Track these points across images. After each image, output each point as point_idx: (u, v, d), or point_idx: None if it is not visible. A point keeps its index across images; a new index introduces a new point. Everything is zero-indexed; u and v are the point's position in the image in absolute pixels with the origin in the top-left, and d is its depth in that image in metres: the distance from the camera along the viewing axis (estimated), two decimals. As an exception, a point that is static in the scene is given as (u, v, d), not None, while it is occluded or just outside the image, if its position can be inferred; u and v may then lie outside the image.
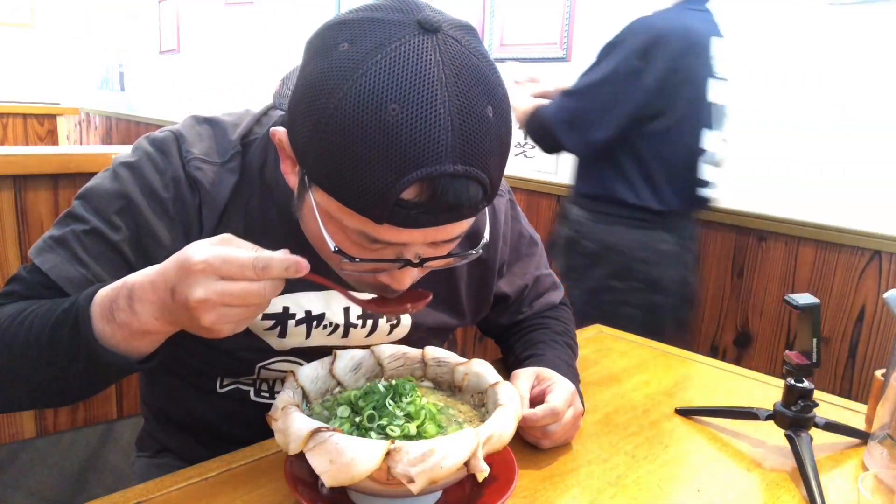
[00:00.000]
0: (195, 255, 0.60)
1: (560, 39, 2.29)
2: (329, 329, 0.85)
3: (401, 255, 0.67)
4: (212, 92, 4.22)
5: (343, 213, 0.64)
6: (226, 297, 0.60)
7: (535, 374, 0.86)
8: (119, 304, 0.64)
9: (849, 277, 1.74)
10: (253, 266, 0.60)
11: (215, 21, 4.13)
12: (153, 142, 0.81)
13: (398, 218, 0.61)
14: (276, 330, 0.82)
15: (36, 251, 0.77)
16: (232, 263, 0.60)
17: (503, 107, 0.64)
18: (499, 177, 0.66)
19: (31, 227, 1.19)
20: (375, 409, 0.68)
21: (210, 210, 0.79)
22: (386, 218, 0.61)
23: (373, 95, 0.58)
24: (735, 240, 1.95)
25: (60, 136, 3.67)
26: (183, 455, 0.97)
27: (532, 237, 1.05)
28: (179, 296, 0.60)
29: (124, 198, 0.77)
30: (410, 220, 0.62)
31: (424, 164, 0.58)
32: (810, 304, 0.81)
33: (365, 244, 0.66)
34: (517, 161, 2.48)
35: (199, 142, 0.81)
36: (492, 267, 0.96)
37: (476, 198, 0.63)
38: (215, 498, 0.72)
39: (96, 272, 0.76)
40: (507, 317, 1.05)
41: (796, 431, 0.83)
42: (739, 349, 1.96)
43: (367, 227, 0.63)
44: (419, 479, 0.59)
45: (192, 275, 0.59)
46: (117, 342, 0.66)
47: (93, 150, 1.52)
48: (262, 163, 0.81)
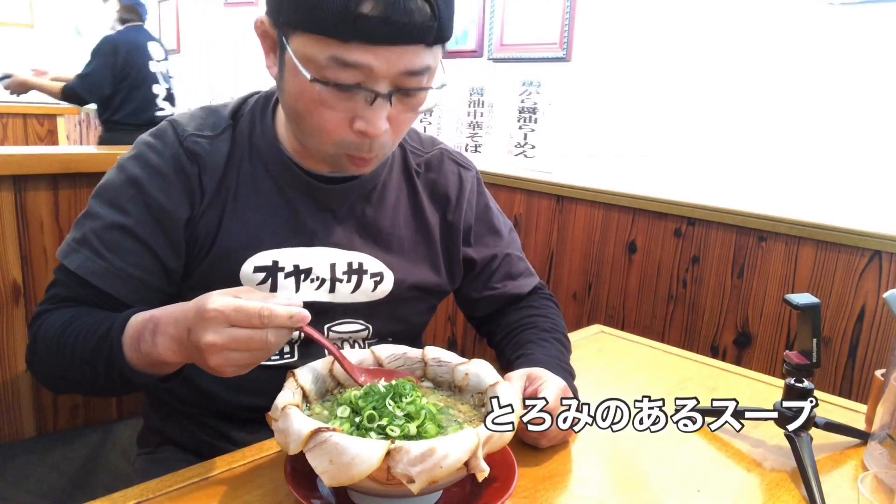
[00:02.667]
0: (212, 303, 0.68)
1: (560, 39, 2.29)
2: (317, 283, 0.92)
3: (372, 88, 0.76)
4: (212, 92, 4.22)
5: (316, 46, 0.74)
6: (232, 342, 0.67)
7: (525, 375, 0.87)
8: (145, 336, 0.75)
9: (849, 277, 1.74)
10: (259, 315, 0.67)
11: (215, 21, 4.13)
12: (150, 133, 0.91)
13: (361, 32, 0.71)
14: (268, 283, 0.90)
15: (63, 254, 0.88)
16: (241, 312, 0.67)
17: None
18: (448, 12, 0.76)
19: (31, 227, 1.19)
20: (375, 409, 0.68)
21: (210, 176, 0.89)
22: (350, 32, 0.72)
23: None
24: (735, 240, 1.95)
25: (60, 136, 3.67)
26: (184, 445, 0.99)
27: (502, 219, 1.12)
28: (193, 337, 0.69)
29: (133, 183, 0.87)
30: (371, 34, 0.72)
31: None
32: (810, 304, 0.81)
33: (338, 74, 0.75)
34: (517, 161, 2.48)
35: (192, 121, 0.92)
36: (457, 228, 1.04)
37: (425, 13, 0.73)
38: (215, 498, 0.72)
39: (115, 263, 0.86)
40: (478, 289, 1.09)
41: (796, 431, 0.83)
42: (739, 349, 1.96)
43: (338, 49, 0.73)
44: (419, 479, 0.59)
45: (207, 320, 0.68)
46: (143, 367, 0.78)
47: (93, 150, 1.52)
48: (251, 130, 0.92)
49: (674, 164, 2.05)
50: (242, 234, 0.89)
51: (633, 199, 2.15)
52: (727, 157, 1.93)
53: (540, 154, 2.42)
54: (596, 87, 2.23)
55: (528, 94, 2.43)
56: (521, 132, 2.47)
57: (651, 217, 2.13)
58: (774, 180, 1.85)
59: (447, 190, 1.03)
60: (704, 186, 1.99)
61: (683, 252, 2.07)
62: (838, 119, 1.72)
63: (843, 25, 1.68)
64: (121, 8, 3.57)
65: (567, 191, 2.34)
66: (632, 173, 2.16)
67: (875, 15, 1.64)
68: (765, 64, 1.83)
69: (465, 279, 1.08)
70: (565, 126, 2.33)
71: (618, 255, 2.23)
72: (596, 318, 2.30)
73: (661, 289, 2.12)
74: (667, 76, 2.04)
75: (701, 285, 2.03)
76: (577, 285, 2.35)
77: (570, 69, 2.29)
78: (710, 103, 1.95)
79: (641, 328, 2.17)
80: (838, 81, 1.71)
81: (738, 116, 1.90)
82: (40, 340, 0.86)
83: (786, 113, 1.81)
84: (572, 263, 2.36)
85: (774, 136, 1.83)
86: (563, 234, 2.38)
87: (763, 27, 1.83)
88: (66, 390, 1.02)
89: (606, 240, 2.26)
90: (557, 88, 2.34)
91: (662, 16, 2.03)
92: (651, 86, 2.08)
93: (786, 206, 1.83)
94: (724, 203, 1.95)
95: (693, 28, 1.97)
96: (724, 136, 1.93)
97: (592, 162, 2.27)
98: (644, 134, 2.12)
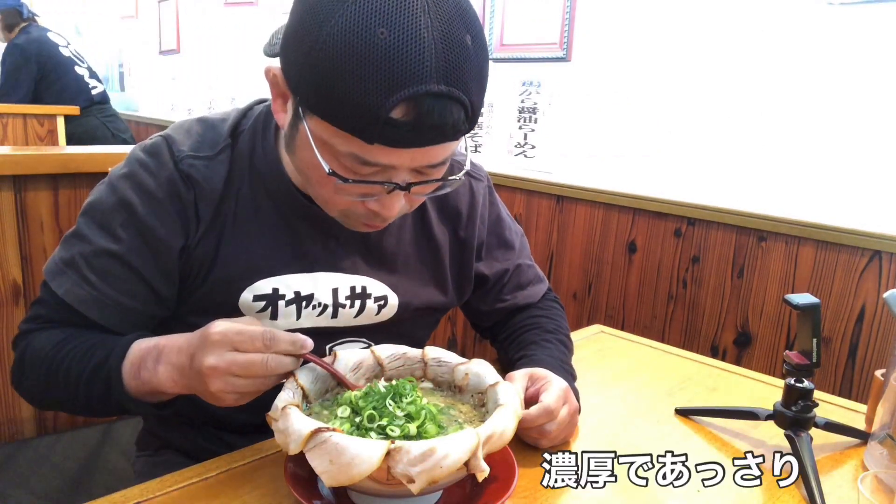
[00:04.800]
0: (216, 327, 0.69)
1: (560, 39, 2.29)
2: (318, 309, 0.88)
3: (390, 179, 0.71)
4: (212, 92, 4.22)
5: (336, 138, 0.69)
6: (233, 366, 0.67)
7: (527, 375, 0.86)
8: (147, 364, 0.74)
9: (849, 277, 1.74)
10: (262, 337, 0.68)
11: (215, 21, 4.12)
12: (144, 149, 0.85)
13: (388, 137, 0.66)
14: (268, 312, 0.86)
15: (50, 274, 0.83)
16: (244, 334, 0.68)
17: (480, 37, 0.69)
18: (479, 103, 0.70)
19: (31, 227, 1.19)
20: (375, 410, 0.68)
21: (206, 202, 0.83)
22: (377, 137, 0.66)
23: (362, 21, 0.63)
24: (735, 240, 1.95)
25: (60, 137, 3.66)
26: (184, 450, 0.98)
27: (512, 226, 1.08)
28: (196, 361, 0.69)
29: (125, 207, 0.82)
30: (398, 139, 0.66)
31: (411, 83, 0.64)
32: (810, 304, 0.81)
33: (356, 168, 0.70)
34: (517, 161, 2.48)
35: (188, 139, 0.85)
36: (471, 245, 0.99)
37: (458, 118, 0.67)
38: (215, 498, 0.72)
39: (104, 291, 0.82)
40: (489, 302, 1.06)
41: (796, 431, 0.83)
42: (739, 349, 1.96)
43: (359, 148, 0.68)
44: (419, 479, 0.59)
45: (210, 344, 0.68)
46: (141, 395, 0.76)
47: (93, 150, 1.52)
48: (251, 150, 0.86)
49: (674, 164, 2.05)
50: (241, 261, 0.85)
51: (633, 199, 2.15)
52: (727, 157, 1.93)
53: (540, 154, 2.42)
54: (596, 87, 2.23)
55: (528, 94, 2.43)
56: (521, 132, 2.47)
57: (651, 217, 2.13)
58: (774, 180, 1.85)
59: (458, 205, 0.97)
60: (704, 186, 1.99)
61: (683, 252, 2.07)
62: (838, 119, 1.72)
63: (843, 25, 1.68)
64: (3, 16, 3.75)
65: (567, 191, 2.34)
66: (632, 173, 2.16)
67: (875, 15, 1.63)
68: (765, 64, 1.83)
69: (475, 294, 1.05)
70: (565, 126, 2.33)
71: (618, 255, 2.23)
72: (596, 318, 2.30)
73: (661, 289, 2.12)
74: (667, 76, 2.04)
75: (701, 285, 2.02)
76: (577, 285, 2.35)
77: (570, 69, 2.29)
78: (709, 103, 1.95)
79: (641, 328, 2.17)
80: (838, 81, 1.71)
81: (737, 116, 1.90)
82: (28, 362, 0.83)
83: (786, 113, 1.80)
84: (572, 263, 2.36)
85: (774, 135, 1.83)
86: (563, 234, 2.38)
87: (763, 27, 1.83)
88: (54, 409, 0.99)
89: (606, 240, 2.26)
90: (557, 88, 2.34)
91: (662, 16, 2.03)
92: (651, 86, 2.08)
93: (786, 206, 1.83)
94: (724, 203, 1.94)
95: (693, 28, 1.97)
96: (724, 136, 1.93)
97: (592, 162, 2.27)
98: (644, 134, 2.11)
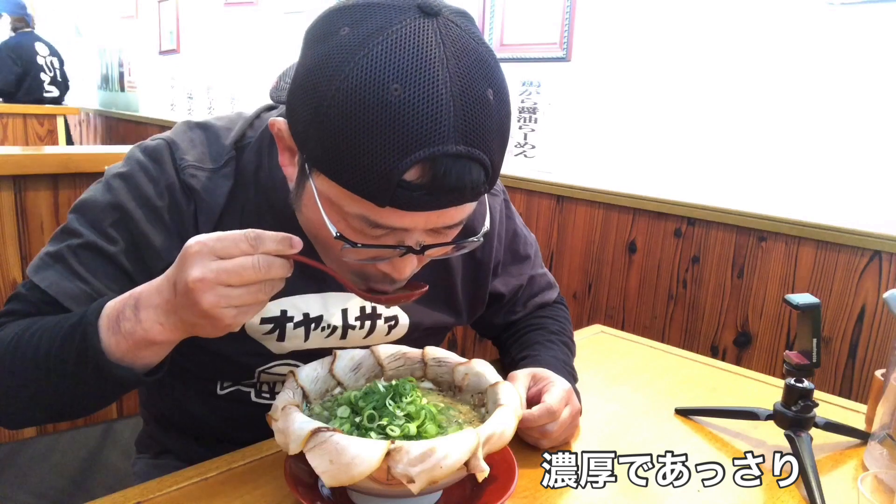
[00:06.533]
0: (192, 241, 0.60)
1: (560, 39, 2.29)
2: (327, 331, 0.85)
3: (402, 241, 0.66)
4: (212, 92, 4.22)
5: (344, 199, 0.63)
6: (222, 274, 0.59)
7: (530, 375, 0.86)
8: (126, 314, 0.64)
9: (849, 277, 1.74)
10: (245, 238, 0.60)
11: (215, 21, 4.12)
12: (145, 150, 0.80)
13: (400, 200, 0.60)
14: (275, 334, 0.82)
15: (34, 269, 0.76)
16: (225, 240, 0.60)
17: (503, 91, 0.64)
18: (499, 161, 0.65)
19: (31, 227, 1.19)
20: (375, 410, 0.68)
21: (206, 217, 0.78)
22: (388, 201, 0.60)
23: (375, 76, 0.58)
24: (735, 240, 1.94)
25: (60, 136, 3.66)
26: (184, 457, 0.97)
27: (527, 237, 1.05)
28: (180, 283, 0.60)
29: (119, 209, 0.76)
30: (413, 202, 0.60)
31: (427, 144, 0.58)
32: (810, 304, 0.81)
33: (366, 230, 0.65)
34: (517, 161, 2.48)
35: (192, 148, 0.80)
36: (487, 265, 0.96)
37: (478, 180, 0.62)
38: (215, 498, 0.72)
39: (95, 286, 0.75)
40: (502, 316, 1.05)
41: (796, 431, 0.83)
42: (739, 349, 1.96)
43: (369, 211, 0.62)
44: (419, 479, 0.59)
45: (190, 258, 0.59)
46: (122, 353, 0.65)
47: (93, 149, 1.52)
48: (257, 166, 0.80)
49: (674, 164, 2.05)
50: None
51: (633, 199, 2.15)
52: (727, 157, 1.93)
53: (540, 154, 2.42)
54: (596, 87, 2.23)
55: (528, 94, 2.42)
56: (521, 132, 2.47)
57: (651, 217, 2.13)
58: (774, 180, 1.85)
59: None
60: (704, 186, 1.99)
61: (683, 252, 2.07)
62: (838, 119, 1.72)
63: (843, 25, 1.68)
64: (12, 20, 5.03)
65: (567, 191, 2.34)
66: (632, 173, 2.16)
67: (875, 15, 1.63)
68: (765, 64, 1.83)
69: (489, 310, 1.02)
70: (565, 126, 2.33)
71: (618, 255, 2.23)
72: (596, 318, 2.30)
73: (661, 289, 2.12)
74: (667, 76, 2.04)
75: (701, 285, 2.02)
76: (577, 285, 2.35)
77: (570, 69, 2.29)
78: (709, 103, 1.95)
79: (641, 328, 2.17)
80: (838, 81, 1.71)
81: (737, 116, 1.90)
82: None
83: (786, 113, 1.80)
84: (572, 263, 2.36)
85: (774, 136, 1.83)
86: (563, 234, 2.38)
87: (763, 27, 1.83)
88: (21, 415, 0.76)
89: (606, 240, 2.26)
90: (557, 88, 2.34)
91: (662, 16, 2.03)
92: (651, 86, 2.08)
93: (786, 206, 1.83)
94: (724, 203, 1.94)
95: (693, 28, 1.97)
96: (724, 136, 1.93)
97: (592, 162, 2.27)
98: (644, 134, 2.11)
